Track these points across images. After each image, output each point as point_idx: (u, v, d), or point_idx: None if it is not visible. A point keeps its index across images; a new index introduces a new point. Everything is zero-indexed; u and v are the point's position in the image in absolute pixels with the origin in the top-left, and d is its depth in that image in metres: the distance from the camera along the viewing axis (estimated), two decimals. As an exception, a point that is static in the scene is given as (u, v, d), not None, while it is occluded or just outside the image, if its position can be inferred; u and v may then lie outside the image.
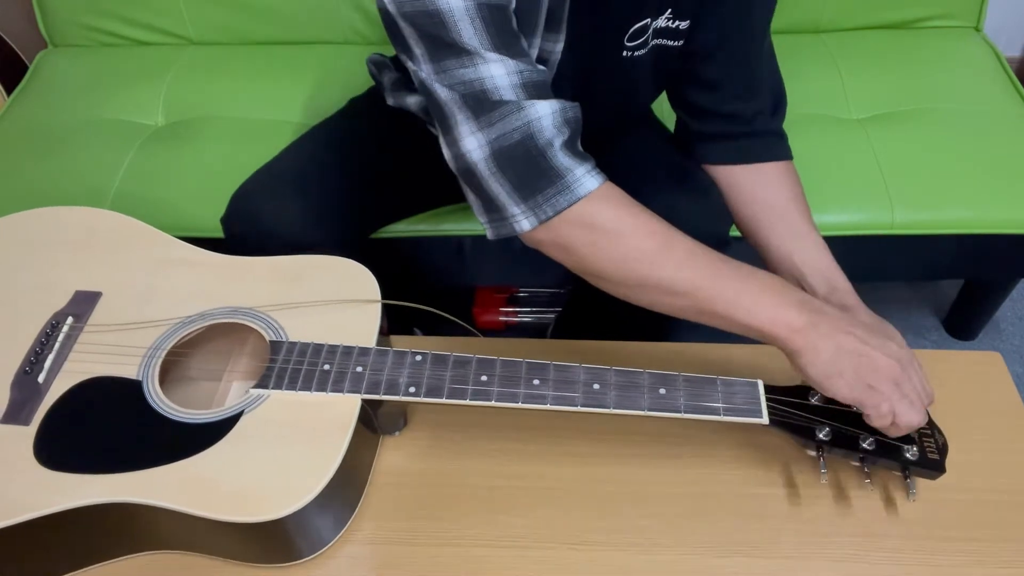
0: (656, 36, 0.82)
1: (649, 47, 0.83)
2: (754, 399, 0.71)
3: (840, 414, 0.71)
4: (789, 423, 0.71)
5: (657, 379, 0.71)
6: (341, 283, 0.80)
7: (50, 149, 1.28)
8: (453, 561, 0.70)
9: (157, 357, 0.74)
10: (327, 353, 0.74)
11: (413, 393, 0.71)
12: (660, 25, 0.80)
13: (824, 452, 0.70)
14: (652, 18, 0.80)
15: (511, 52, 0.66)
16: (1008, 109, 1.29)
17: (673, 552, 0.71)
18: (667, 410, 0.70)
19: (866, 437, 0.69)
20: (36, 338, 0.76)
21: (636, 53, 0.83)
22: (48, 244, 0.84)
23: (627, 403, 0.70)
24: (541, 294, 1.53)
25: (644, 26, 0.80)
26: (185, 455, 0.67)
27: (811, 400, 0.72)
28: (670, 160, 1.01)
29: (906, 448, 0.69)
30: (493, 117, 0.65)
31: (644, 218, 0.69)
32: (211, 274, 0.81)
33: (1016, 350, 1.50)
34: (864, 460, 0.70)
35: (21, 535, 0.65)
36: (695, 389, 0.71)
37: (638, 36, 0.81)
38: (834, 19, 1.45)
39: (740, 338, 0.70)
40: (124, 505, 0.65)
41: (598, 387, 0.71)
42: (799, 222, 0.83)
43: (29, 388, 0.72)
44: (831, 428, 0.70)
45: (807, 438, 0.70)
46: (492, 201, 0.69)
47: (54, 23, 1.49)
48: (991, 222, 1.17)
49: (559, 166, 0.66)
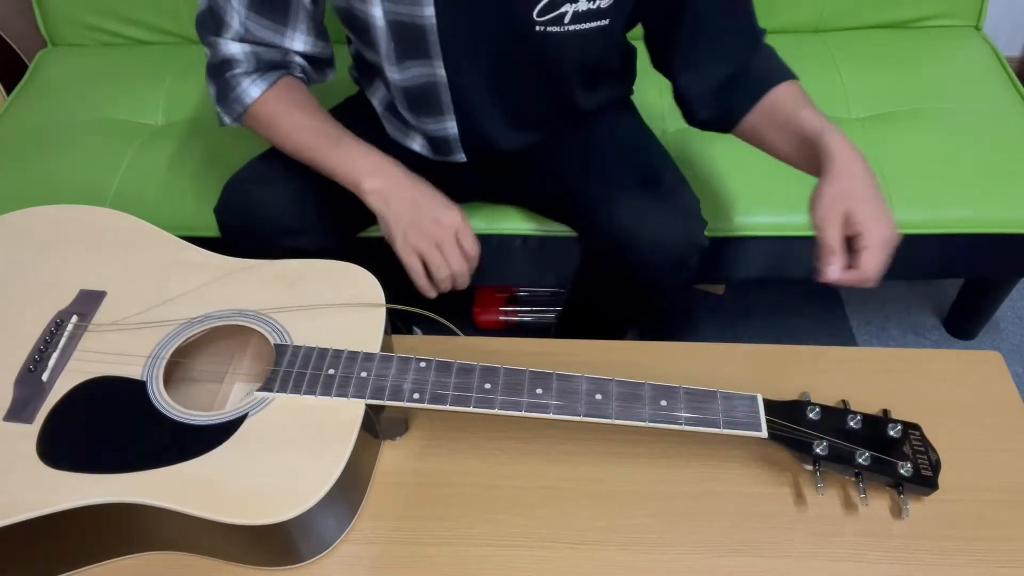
0: (577, 20, 0.84)
1: (568, 27, 0.84)
2: (753, 413, 0.71)
3: (838, 430, 0.71)
4: (787, 437, 0.71)
5: (658, 391, 0.72)
6: (345, 287, 0.80)
7: (50, 148, 1.28)
8: (454, 560, 0.70)
9: (162, 358, 0.74)
10: (332, 357, 0.74)
11: (417, 400, 0.71)
12: (580, 9, 0.83)
13: (820, 467, 0.71)
14: (571, 3, 0.82)
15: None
16: (1008, 108, 1.29)
17: (673, 551, 0.71)
18: (668, 422, 0.71)
19: (862, 453, 0.70)
20: (40, 336, 0.76)
21: (550, 29, 0.84)
22: (53, 242, 0.84)
23: (628, 414, 0.71)
24: (541, 294, 1.53)
25: (553, 2, 0.82)
26: (189, 456, 0.67)
27: (809, 415, 0.72)
28: (641, 163, 1.01)
29: (900, 464, 0.70)
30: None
31: (276, 108, 0.90)
32: (216, 276, 0.81)
33: (1016, 350, 1.50)
34: (859, 476, 0.70)
35: (23, 534, 0.65)
36: (695, 402, 0.72)
37: (548, 11, 0.83)
38: (834, 19, 1.44)
39: (740, 337, 0.70)
40: (126, 505, 0.65)
41: (600, 397, 0.71)
42: (787, 110, 0.84)
43: (33, 386, 0.72)
44: (828, 443, 0.71)
45: (804, 452, 0.71)
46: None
47: (54, 22, 1.49)
48: (991, 222, 1.17)
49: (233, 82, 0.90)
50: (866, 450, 0.70)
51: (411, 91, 0.94)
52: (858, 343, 1.51)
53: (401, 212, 0.84)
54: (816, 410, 0.72)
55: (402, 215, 0.84)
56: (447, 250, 0.84)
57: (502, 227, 1.19)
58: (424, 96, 0.94)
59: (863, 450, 0.70)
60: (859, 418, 0.72)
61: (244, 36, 0.87)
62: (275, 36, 0.88)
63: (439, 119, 0.97)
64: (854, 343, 1.51)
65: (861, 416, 0.72)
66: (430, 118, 0.97)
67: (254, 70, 0.89)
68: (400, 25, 0.85)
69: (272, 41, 0.88)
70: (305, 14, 0.88)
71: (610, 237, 0.95)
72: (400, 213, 0.84)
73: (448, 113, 0.96)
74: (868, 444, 0.70)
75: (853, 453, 0.70)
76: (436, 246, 0.84)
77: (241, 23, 0.86)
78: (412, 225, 0.84)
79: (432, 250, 0.84)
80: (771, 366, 0.83)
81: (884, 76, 1.34)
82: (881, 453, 0.70)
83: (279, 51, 0.90)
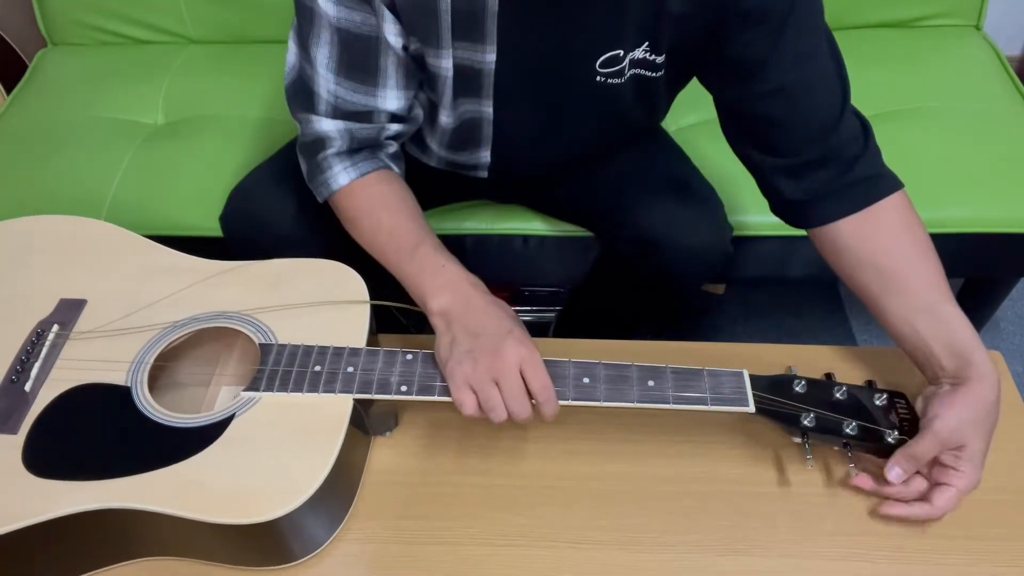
0: (633, 67, 0.82)
1: (627, 76, 0.83)
2: (740, 388, 0.72)
3: (824, 402, 0.72)
4: (774, 411, 0.72)
5: (645, 372, 0.72)
6: (329, 285, 0.80)
7: (50, 148, 1.28)
8: (452, 560, 0.70)
9: (146, 363, 0.74)
10: (317, 354, 0.73)
11: (405, 392, 0.71)
12: (637, 56, 0.81)
13: (809, 439, 0.71)
14: (626, 50, 0.80)
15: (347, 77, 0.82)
16: (1008, 108, 1.29)
17: (673, 550, 0.71)
18: (656, 401, 0.71)
19: (849, 423, 0.70)
20: (21, 347, 0.75)
21: (611, 80, 0.83)
22: (30, 253, 0.84)
23: (616, 396, 0.71)
24: (541, 293, 1.53)
25: (617, 56, 0.81)
26: (177, 459, 0.66)
27: (795, 388, 0.73)
28: (671, 170, 1.02)
29: (888, 432, 0.70)
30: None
31: (359, 203, 0.84)
32: (198, 279, 0.81)
33: (1016, 349, 1.50)
34: (848, 446, 0.71)
35: (12, 545, 0.64)
36: (682, 380, 0.72)
37: (611, 64, 0.81)
38: (834, 18, 1.43)
39: (740, 337, 0.70)
40: (116, 511, 0.64)
41: (588, 381, 0.72)
42: (921, 289, 0.74)
43: (15, 397, 0.71)
44: (815, 415, 0.71)
45: (792, 425, 0.71)
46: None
47: (54, 21, 1.49)
48: (991, 221, 1.17)
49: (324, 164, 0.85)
50: (853, 420, 0.70)
51: (456, 130, 0.92)
52: (858, 343, 1.51)
53: (460, 338, 0.70)
54: (802, 383, 0.73)
55: (460, 342, 0.70)
56: (506, 388, 0.68)
57: (503, 227, 1.18)
58: (465, 131, 0.92)
59: (850, 420, 0.70)
60: (844, 389, 0.72)
61: (336, 107, 0.82)
62: (366, 98, 0.82)
63: (474, 151, 0.96)
64: (854, 343, 1.50)
65: (847, 387, 0.73)
66: (465, 151, 0.97)
67: (347, 150, 0.84)
68: (462, 69, 0.83)
69: (364, 105, 0.82)
70: (394, 67, 0.82)
71: (639, 239, 0.95)
72: (459, 339, 0.70)
73: (485, 146, 0.95)
74: (854, 414, 0.71)
75: (840, 423, 0.70)
76: (493, 381, 0.68)
77: (331, 91, 0.81)
78: (468, 355, 0.69)
79: (487, 387, 0.68)
80: (771, 366, 0.83)
81: (884, 75, 1.34)
82: (868, 423, 0.71)
83: (372, 125, 0.84)
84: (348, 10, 0.77)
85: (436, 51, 0.80)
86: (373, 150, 0.86)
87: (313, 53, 0.80)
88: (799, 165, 0.79)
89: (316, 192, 0.86)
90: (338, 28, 0.78)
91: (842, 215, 0.77)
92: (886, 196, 0.77)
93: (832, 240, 0.78)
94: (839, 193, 0.77)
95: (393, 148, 0.88)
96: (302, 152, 0.87)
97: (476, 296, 0.73)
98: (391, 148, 0.88)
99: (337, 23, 0.77)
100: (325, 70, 0.80)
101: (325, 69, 0.80)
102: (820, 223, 0.79)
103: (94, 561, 0.70)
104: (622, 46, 0.80)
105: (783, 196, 0.81)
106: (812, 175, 0.78)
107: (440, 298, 0.73)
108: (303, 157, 0.87)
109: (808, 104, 0.77)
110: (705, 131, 1.25)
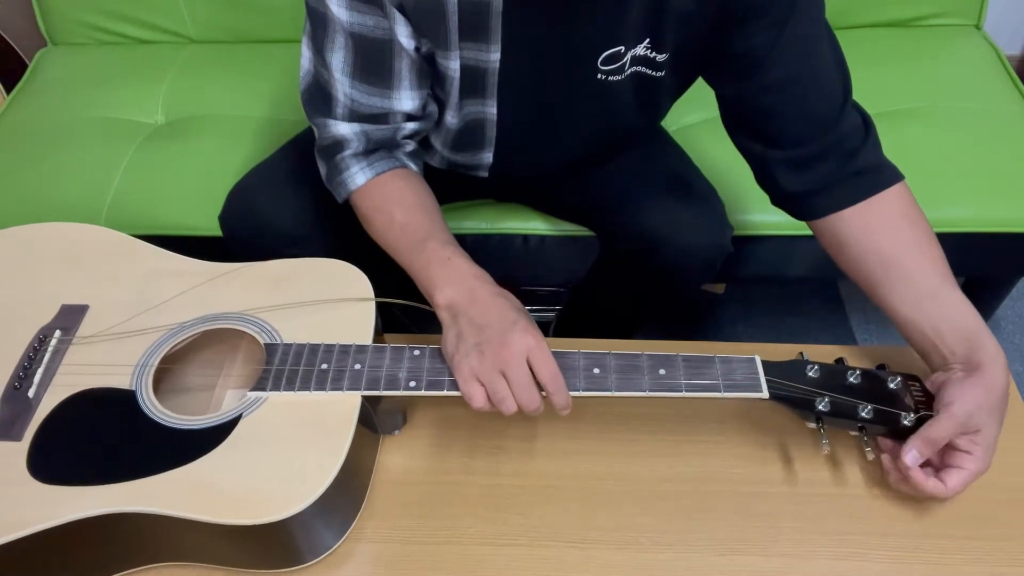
0: (634, 64, 0.82)
1: (627, 74, 0.83)
2: (752, 374, 0.71)
3: (838, 386, 0.71)
4: (788, 396, 0.71)
5: (656, 360, 0.72)
6: (333, 284, 0.79)
7: (50, 147, 1.28)
8: (454, 559, 0.70)
9: (150, 366, 0.73)
10: (324, 352, 0.73)
11: (414, 387, 0.71)
12: (638, 54, 0.81)
13: (824, 424, 0.71)
14: (627, 46, 0.80)
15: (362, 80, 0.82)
16: (1008, 108, 1.29)
17: (674, 550, 0.71)
18: (668, 390, 0.70)
19: (864, 406, 0.70)
20: (24, 353, 0.75)
21: (612, 78, 0.83)
22: (30, 260, 0.84)
23: (628, 385, 0.70)
24: (541, 292, 1.53)
25: (618, 52, 0.81)
26: (184, 462, 0.66)
27: (808, 373, 0.72)
28: (671, 169, 1.02)
29: (904, 415, 0.69)
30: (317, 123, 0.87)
31: (374, 202, 0.84)
32: (199, 282, 0.80)
33: (1016, 349, 1.50)
34: (863, 430, 0.70)
35: (18, 553, 0.63)
36: (694, 367, 0.71)
37: (612, 61, 0.81)
38: (834, 17, 1.43)
39: (740, 336, 0.70)
40: (123, 516, 0.64)
41: (598, 371, 0.71)
42: (926, 276, 0.74)
43: (19, 403, 0.71)
44: (830, 399, 0.70)
45: (807, 410, 0.71)
46: None
47: (54, 21, 1.49)
48: (991, 221, 1.17)
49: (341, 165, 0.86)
50: (868, 403, 0.70)
51: (460, 131, 0.93)
52: (858, 342, 1.51)
53: (466, 331, 0.70)
54: (815, 368, 0.72)
55: (466, 335, 0.70)
56: (513, 379, 0.67)
57: (503, 226, 1.19)
58: (468, 132, 0.93)
59: (865, 403, 0.70)
60: (858, 373, 0.72)
61: (352, 110, 0.83)
62: (382, 101, 0.83)
63: (476, 152, 0.96)
64: (854, 342, 1.50)
65: (860, 371, 0.72)
66: (467, 152, 0.97)
67: (363, 151, 0.85)
68: (467, 69, 0.83)
69: (380, 107, 0.83)
70: (407, 69, 0.82)
71: (640, 239, 0.95)
72: (465, 332, 0.70)
73: (487, 147, 0.95)
74: (869, 398, 0.70)
75: (855, 407, 0.70)
76: (500, 373, 0.68)
77: (347, 94, 0.82)
78: (475, 347, 0.69)
79: (495, 378, 0.67)
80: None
81: (884, 75, 1.34)
82: (884, 406, 0.70)
83: (388, 126, 0.84)
84: (360, 15, 0.77)
85: (445, 52, 0.80)
86: (390, 149, 0.87)
87: (328, 58, 0.80)
88: (801, 157, 0.79)
89: (335, 193, 0.87)
90: (351, 33, 0.78)
91: (844, 206, 0.77)
92: (887, 187, 0.77)
93: (834, 231, 0.78)
94: (840, 184, 0.77)
95: (411, 147, 0.88)
96: (320, 155, 0.88)
97: (481, 288, 0.73)
98: (408, 147, 0.88)
99: (350, 28, 0.77)
100: (341, 74, 0.81)
101: (341, 73, 0.81)
102: (822, 214, 0.79)
103: (102, 568, 0.69)
104: (623, 43, 0.80)
105: (784, 188, 0.81)
106: (814, 167, 0.78)
107: (445, 291, 0.73)
108: (321, 159, 0.88)
109: (810, 97, 0.78)
110: (706, 130, 1.25)
